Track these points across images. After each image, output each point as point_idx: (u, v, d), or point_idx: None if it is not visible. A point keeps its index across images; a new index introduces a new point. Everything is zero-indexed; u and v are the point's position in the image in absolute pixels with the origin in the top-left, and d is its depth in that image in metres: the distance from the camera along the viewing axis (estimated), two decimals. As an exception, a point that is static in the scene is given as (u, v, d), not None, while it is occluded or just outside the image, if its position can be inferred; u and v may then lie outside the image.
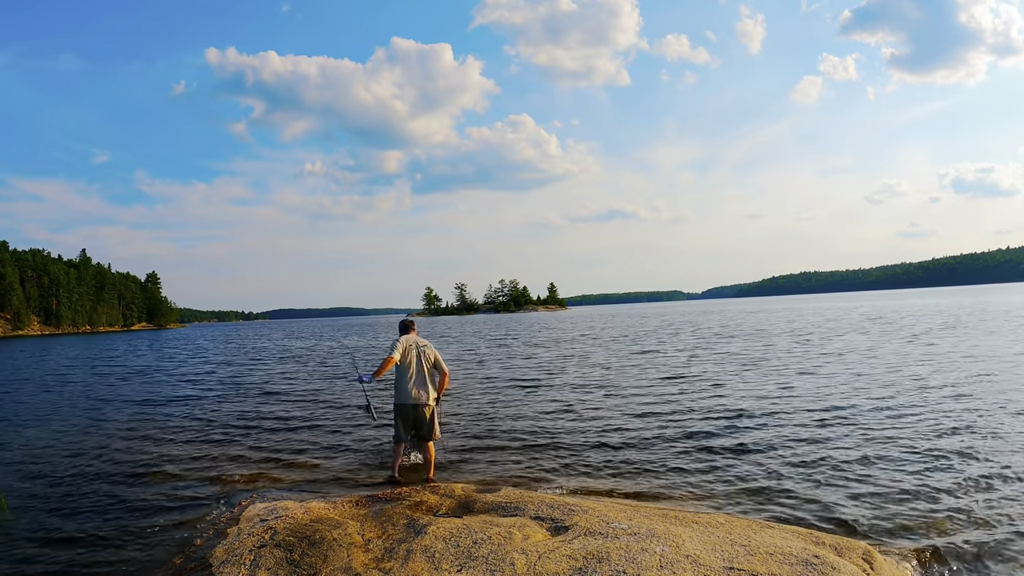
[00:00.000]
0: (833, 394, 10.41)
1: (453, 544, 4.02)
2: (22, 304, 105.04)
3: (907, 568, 4.06)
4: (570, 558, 3.70)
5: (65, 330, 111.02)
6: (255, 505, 5.34)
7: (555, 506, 4.73)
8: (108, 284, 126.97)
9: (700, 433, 7.97)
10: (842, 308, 57.62)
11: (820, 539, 4.15)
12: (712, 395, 10.90)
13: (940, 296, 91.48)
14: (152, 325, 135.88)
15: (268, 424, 9.84)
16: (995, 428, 7.52)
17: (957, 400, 9.37)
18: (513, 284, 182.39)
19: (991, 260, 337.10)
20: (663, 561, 3.60)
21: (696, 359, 17.38)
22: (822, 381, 11.94)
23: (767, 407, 9.52)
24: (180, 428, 9.78)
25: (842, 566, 3.55)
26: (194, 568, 4.23)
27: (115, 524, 5.34)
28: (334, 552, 4.11)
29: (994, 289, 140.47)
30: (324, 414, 10.57)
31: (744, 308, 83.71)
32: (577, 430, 8.47)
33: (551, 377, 14.67)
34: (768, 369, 14.21)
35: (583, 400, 11.01)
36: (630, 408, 9.97)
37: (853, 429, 7.81)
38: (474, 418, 9.66)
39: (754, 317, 47.07)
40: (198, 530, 5.03)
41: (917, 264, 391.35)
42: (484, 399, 11.61)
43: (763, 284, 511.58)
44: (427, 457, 6.16)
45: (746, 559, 3.62)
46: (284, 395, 13.34)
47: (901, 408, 8.97)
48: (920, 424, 7.93)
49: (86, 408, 12.47)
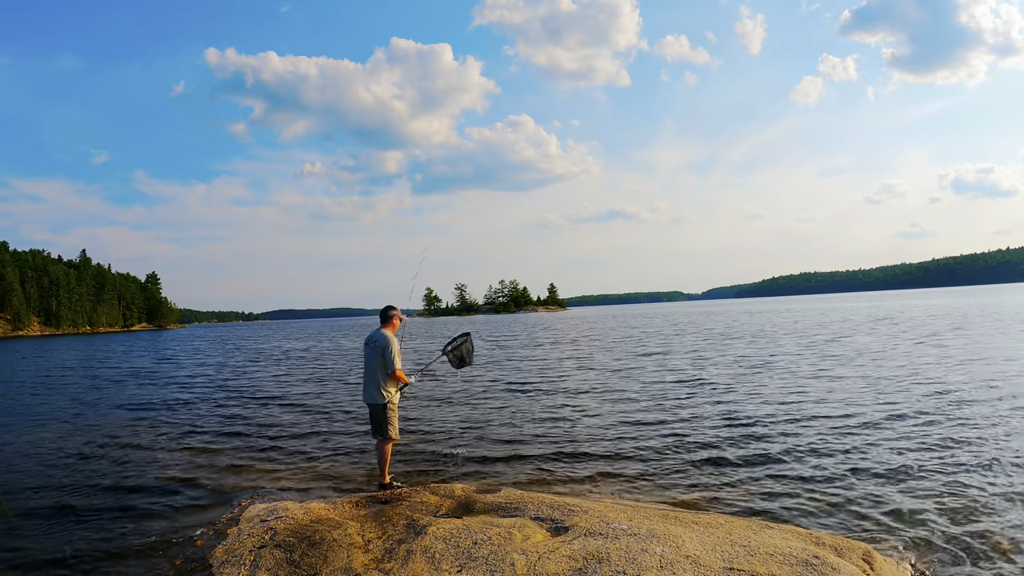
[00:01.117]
0: (834, 395, 10.40)
1: (453, 545, 4.02)
2: (22, 305, 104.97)
3: (907, 568, 4.06)
4: (570, 559, 3.70)
5: (65, 331, 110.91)
6: (255, 506, 5.34)
7: (555, 507, 4.73)
8: (108, 285, 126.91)
9: (701, 433, 7.97)
10: (847, 309, 57.57)
11: (820, 539, 4.15)
12: (712, 395, 10.89)
13: (943, 296, 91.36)
14: (152, 326, 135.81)
15: (268, 425, 9.83)
16: (999, 430, 7.51)
17: (961, 400, 9.37)
18: (513, 285, 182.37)
19: (991, 260, 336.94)
20: (663, 562, 3.59)
21: (703, 361, 17.38)
22: (825, 383, 11.93)
23: (768, 408, 9.51)
24: (180, 430, 9.78)
25: (842, 566, 3.55)
26: (194, 568, 4.23)
27: (115, 525, 5.34)
28: (334, 553, 4.11)
29: (995, 289, 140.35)
30: (324, 415, 10.56)
31: (747, 308, 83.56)
32: (579, 432, 8.46)
33: (553, 380, 14.67)
34: (771, 370, 14.20)
35: (585, 402, 11.01)
36: (631, 409, 9.96)
37: (854, 429, 7.80)
38: (475, 420, 9.65)
39: (759, 318, 47.04)
40: (198, 530, 5.03)
41: (917, 265, 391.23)
42: (487, 402, 11.60)
43: (763, 285, 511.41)
44: (379, 458, 5.91)
45: (746, 559, 3.62)
46: (284, 396, 13.33)
47: (902, 408, 8.95)
48: (921, 424, 7.93)
49: (84, 411, 12.47)
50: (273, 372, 19.46)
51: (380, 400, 5.65)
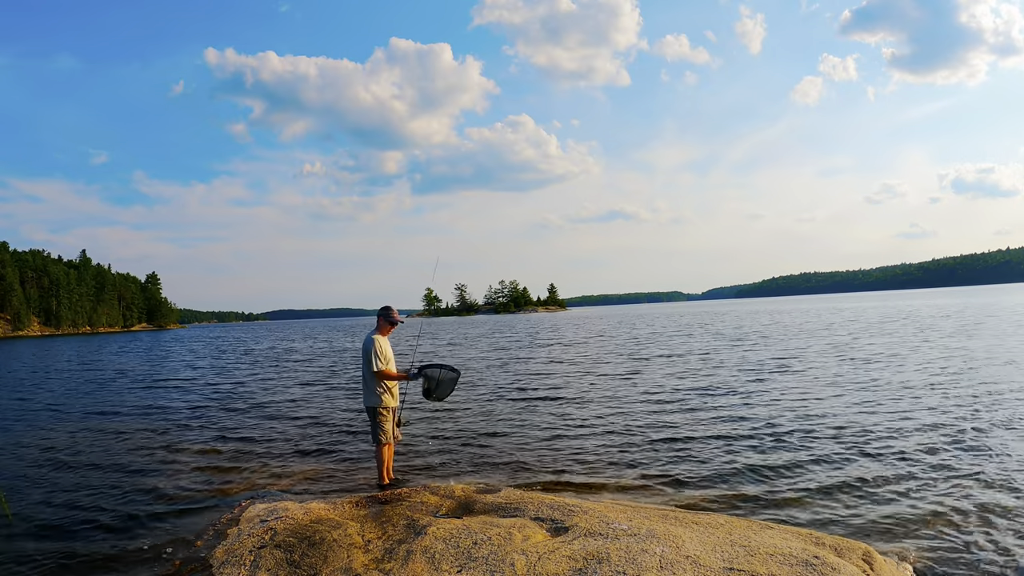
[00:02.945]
0: (836, 395, 10.41)
1: (453, 545, 4.02)
2: (22, 305, 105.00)
3: (907, 568, 4.06)
4: (570, 559, 3.70)
5: (65, 331, 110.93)
6: (255, 506, 5.34)
7: (555, 507, 4.73)
8: (108, 285, 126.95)
9: (701, 434, 7.97)
10: (853, 309, 57.41)
11: (820, 539, 4.15)
12: (713, 395, 10.90)
13: (946, 297, 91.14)
14: (152, 326, 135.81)
15: (268, 425, 9.83)
16: (1003, 431, 7.51)
17: (966, 401, 9.37)
18: (513, 285, 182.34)
19: (991, 260, 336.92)
20: (663, 562, 3.59)
21: (707, 361, 17.36)
22: (833, 384, 11.93)
23: (768, 409, 9.52)
24: (179, 430, 9.79)
25: (842, 567, 3.55)
26: (194, 568, 4.23)
27: (115, 526, 5.34)
28: (334, 553, 4.11)
29: (996, 290, 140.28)
30: (324, 415, 10.56)
31: (752, 308, 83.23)
32: (579, 432, 8.47)
33: (554, 381, 14.67)
34: (776, 372, 14.20)
35: (585, 402, 11.01)
36: (632, 409, 9.97)
37: (855, 430, 7.80)
38: (476, 420, 9.66)
39: (765, 318, 46.99)
40: (198, 531, 5.03)
41: (917, 265, 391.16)
42: (488, 402, 11.61)
43: (763, 285, 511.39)
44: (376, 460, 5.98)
45: (746, 560, 3.62)
46: (284, 396, 13.34)
47: (903, 408, 8.97)
48: (922, 425, 7.93)
49: (84, 412, 12.47)
50: (273, 372, 19.47)
51: (371, 403, 5.75)
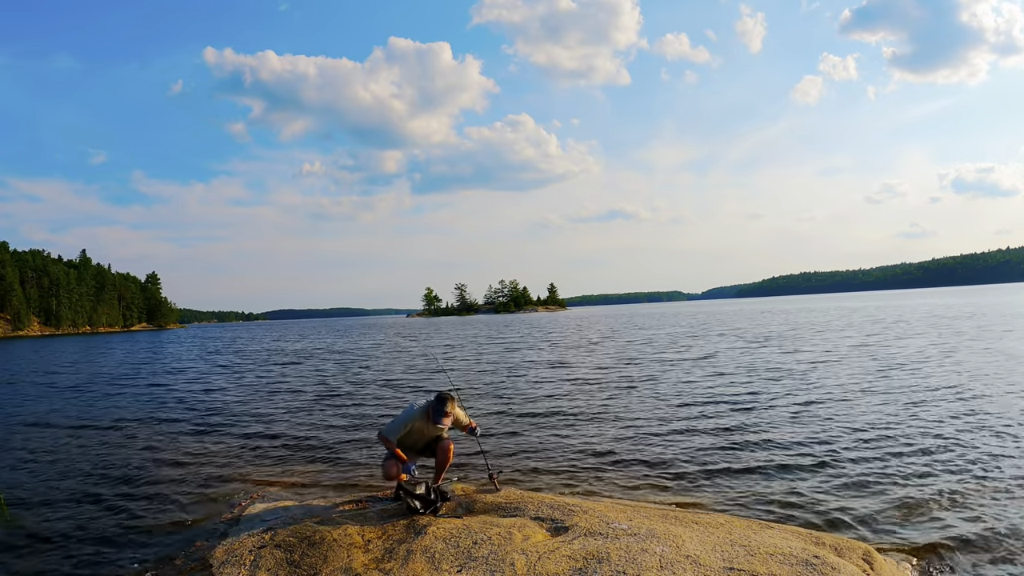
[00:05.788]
0: (839, 396, 10.40)
1: (453, 544, 4.02)
2: (22, 305, 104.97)
3: (907, 568, 4.06)
4: (570, 559, 3.70)
5: (65, 331, 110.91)
6: (255, 506, 5.34)
7: (555, 507, 4.73)
8: (108, 285, 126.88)
9: (701, 434, 7.97)
10: (863, 308, 57.26)
11: (820, 539, 4.15)
12: (714, 397, 10.90)
13: (949, 296, 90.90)
14: (152, 326, 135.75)
15: (269, 425, 9.83)
16: (1005, 431, 7.52)
17: (968, 402, 9.37)
18: (513, 284, 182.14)
19: (991, 260, 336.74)
20: (663, 562, 3.59)
21: (710, 362, 17.36)
22: (831, 383, 11.93)
23: (770, 409, 9.51)
24: (179, 431, 9.79)
25: (842, 566, 3.55)
26: (194, 568, 4.23)
27: (115, 526, 5.34)
28: (334, 552, 4.11)
29: (996, 289, 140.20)
30: (324, 416, 10.56)
31: (757, 308, 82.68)
32: (580, 432, 8.47)
33: (554, 380, 14.66)
34: (779, 373, 14.19)
35: (586, 402, 11.01)
36: (632, 410, 9.97)
37: (856, 431, 7.80)
38: (477, 421, 9.65)
39: (769, 317, 46.91)
40: (198, 531, 5.03)
41: (917, 264, 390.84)
42: (488, 404, 11.61)
43: (763, 284, 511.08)
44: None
45: (746, 559, 3.62)
46: (284, 396, 13.34)
47: (904, 408, 8.96)
48: (922, 425, 7.93)
49: (83, 412, 12.46)
50: (273, 373, 19.47)
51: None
